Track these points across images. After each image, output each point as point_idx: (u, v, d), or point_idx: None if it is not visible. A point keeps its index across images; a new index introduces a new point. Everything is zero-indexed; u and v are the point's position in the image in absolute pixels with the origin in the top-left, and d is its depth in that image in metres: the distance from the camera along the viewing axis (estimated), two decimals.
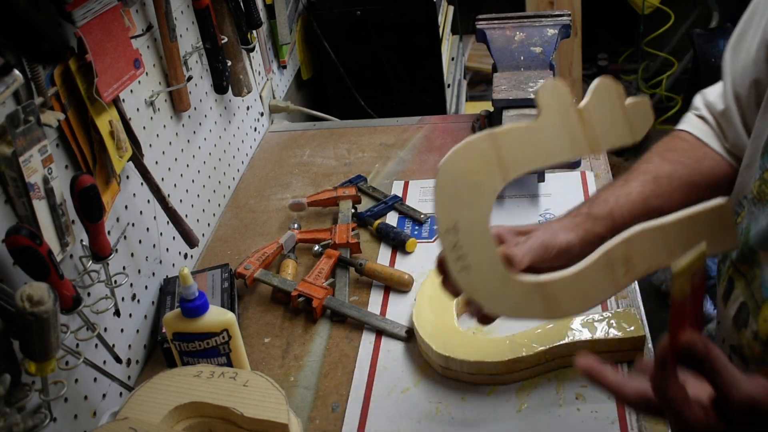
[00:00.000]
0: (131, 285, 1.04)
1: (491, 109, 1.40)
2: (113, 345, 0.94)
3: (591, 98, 0.69)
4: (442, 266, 0.74)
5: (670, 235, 0.69)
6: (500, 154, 0.67)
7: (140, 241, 1.08)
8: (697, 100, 0.94)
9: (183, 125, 1.24)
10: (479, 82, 2.58)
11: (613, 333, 0.92)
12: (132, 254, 1.05)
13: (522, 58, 1.36)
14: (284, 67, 1.78)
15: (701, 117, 0.92)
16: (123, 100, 1.00)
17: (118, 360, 0.95)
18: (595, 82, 0.69)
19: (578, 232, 0.79)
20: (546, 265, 0.75)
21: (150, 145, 1.11)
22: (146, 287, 1.09)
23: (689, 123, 0.93)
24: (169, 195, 1.08)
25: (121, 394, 0.98)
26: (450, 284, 0.73)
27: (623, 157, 2.99)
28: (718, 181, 0.87)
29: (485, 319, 0.77)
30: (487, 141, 0.67)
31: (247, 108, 1.56)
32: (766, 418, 0.56)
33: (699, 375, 0.58)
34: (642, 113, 0.71)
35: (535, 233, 0.79)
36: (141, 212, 1.09)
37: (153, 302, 1.11)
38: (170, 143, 1.19)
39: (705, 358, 0.57)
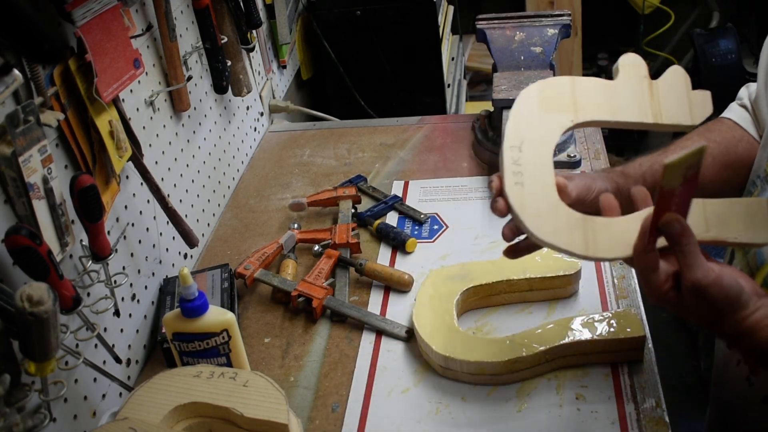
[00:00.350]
0: (131, 285, 1.04)
1: (491, 108, 1.41)
2: (113, 345, 0.94)
3: (663, 77, 0.76)
4: (498, 184, 0.76)
5: (707, 213, 0.72)
6: (576, 96, 0.75)
7: (140, 241, 1.08)
8: (742, 91, 0.98)
9: (183, 125, 1.24)
10: (479, 82, 2.58)
11: (614, 333, 0.92)
12: (132, 254, 1.05)
13: (522, 58, 1.36)
14: (284, 66, 1.78)
15: (743, 105, 0.96)
16: (123, 99, 1.00)
17: (117, 360, 0.95)
18: (671, 67, 0.77)
19: (611, 184, 0.86)
20: (585, 207, 0.80)
21: (150, 145, 1.11)
22: (146, 287, 1.09)
23: (731, 110, 0.97)
24: (168, 195, 1.08)
25: (120, 394, 0.98)
26: (497, 205, 0.76)
27: (623, 157, 2.99)
28: (751, 164, 0.89)
29: (514, 251, 0.81)
30: (568, 81, 0.76)
31: (247, 108, 1.55)
32: (706, 300, 0.66)
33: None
34: (703, 103, 0.78)
35: (576, 177, 0.84)
36: (141, 212, 1.08)
37: (153, 302, 1.10)
38: (170, 143, 1.19)
39: (678, 237, 0.66)
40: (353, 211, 1.27)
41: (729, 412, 0.97)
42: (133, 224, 1.06)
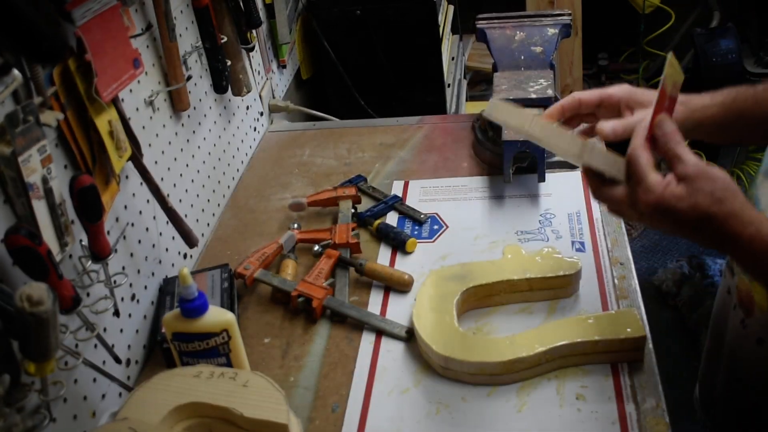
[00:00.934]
0: (130, 285, 1.04)
1: None
2: (112, 345, 0.94)
3: None
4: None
5: None
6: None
7: (140, 241, 1.08)
8: None
9: (182, 125, 1.24)
10: (479, 82, 2.58)
11: (614, 333, 0.92)
12: (131, 254, 1.05)
13: (522, 57, 1.35)
14: (284, 66, 1.78)
15: None
16: (122, 99, 1.00)
17: (117, 360, 0.95)
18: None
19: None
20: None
21: (149, 145, 1.11)
22: (146, 287, 1.09)
23: None
24: (168, 195, 1.08)
25: (120, 394, 0.98)
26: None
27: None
28: None
29: None
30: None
31: (247, 108, 1.55)
32: (712, 178, 0.69)
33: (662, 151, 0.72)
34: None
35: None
36: (140, 212, 1.08)
37: (152, 302, 1.10)
38: (170, 143, 1.19)
39: (673, 133, 0.71)
40: (353, 211, 1.26)
41: (725, 357, 0.98)
42: (132, 224, 1.06)
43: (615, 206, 0.76)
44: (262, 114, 1.64)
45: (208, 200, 1.33)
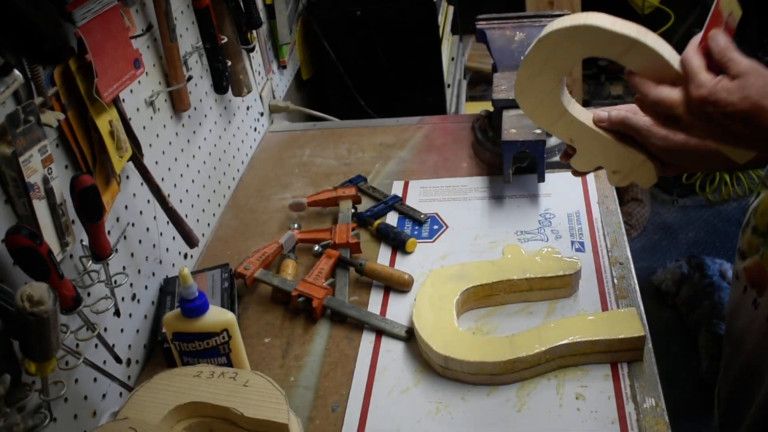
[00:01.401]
0: (131, 285, 1.04)
1: (491, 109, 1.41)
2: (113, 345, 0.94)
3: None
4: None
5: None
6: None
7: (140, 241, 1.08)
8: None
9: (183, 125, 1.24)
10: (479, 82, 2.58)
11: (613, 333, 0.92)
12: (132, 254, 1.05)
13: (522, 58, 1.35)
14: (284, 67, 1.78)
15: None
16: (123, 100, 1.01)
17: (118, 360, 0.95)
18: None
19: None
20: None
21: (150, 145, 1.12)
22: (146, 287, 1.09)
23: None
24: (169, 195, 1.08)
25: (121, 394, 0.98)
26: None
27: None
28: None
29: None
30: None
31: (247, 108, 1.56)
32: (764, 75, 0.71)
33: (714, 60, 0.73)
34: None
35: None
36: (141, 212, 1.09)
37: (153, 302, 1.11)
38: (170, 143, 1.19)
39: (724, 42, 0.73)
40: (353, 211, 1.27)
41: (739, 342, 0.99)
42: (133, 224, 1.06)
43: (667, 108, 0.76)
44: (262, 114, 1.65)
45: (209, 200, 1.33)
